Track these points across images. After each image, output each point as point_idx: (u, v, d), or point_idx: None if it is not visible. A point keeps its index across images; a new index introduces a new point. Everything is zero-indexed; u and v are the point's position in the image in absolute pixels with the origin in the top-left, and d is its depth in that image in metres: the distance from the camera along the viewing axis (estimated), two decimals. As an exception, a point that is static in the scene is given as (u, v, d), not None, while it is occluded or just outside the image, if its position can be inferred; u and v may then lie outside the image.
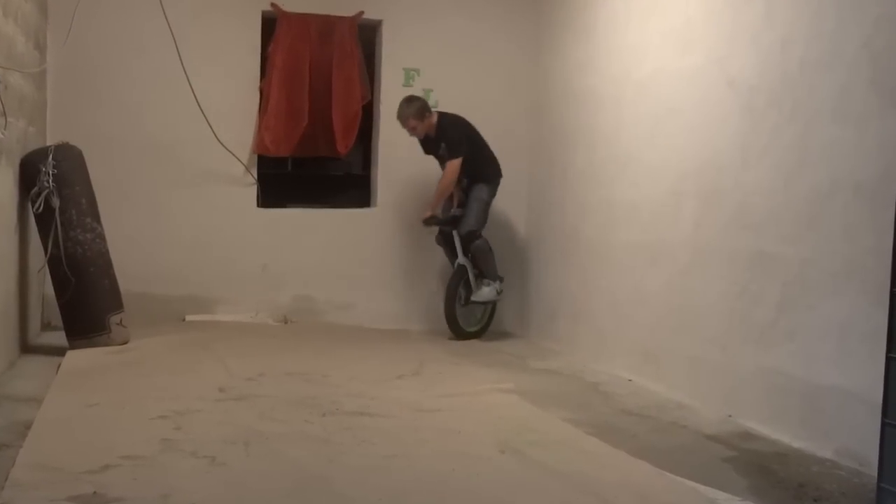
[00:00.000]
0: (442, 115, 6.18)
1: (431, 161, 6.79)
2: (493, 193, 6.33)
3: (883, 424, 2.91)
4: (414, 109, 6.09)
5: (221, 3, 6.32)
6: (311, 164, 7.06)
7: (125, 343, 5.14)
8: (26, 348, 5.06)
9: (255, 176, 6.49)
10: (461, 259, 6.17)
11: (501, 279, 6.29)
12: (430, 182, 6.77)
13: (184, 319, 6.18)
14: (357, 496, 2.89)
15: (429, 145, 6.24)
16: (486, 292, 6.18)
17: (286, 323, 6.30)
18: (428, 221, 6.21)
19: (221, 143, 6.21)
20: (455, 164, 6.07)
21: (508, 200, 6.93)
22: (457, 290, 6.15)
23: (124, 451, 3.12)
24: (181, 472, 2.99)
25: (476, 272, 6.22)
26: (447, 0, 6.75)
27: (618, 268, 5.49)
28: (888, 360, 2.91)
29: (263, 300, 6.41)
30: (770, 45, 4.19)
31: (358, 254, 6.63)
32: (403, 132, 6.75)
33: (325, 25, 6.49)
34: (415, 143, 6.71)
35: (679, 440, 3.91)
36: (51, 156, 4.98)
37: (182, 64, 5.96)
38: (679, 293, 4.82)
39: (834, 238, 3.75)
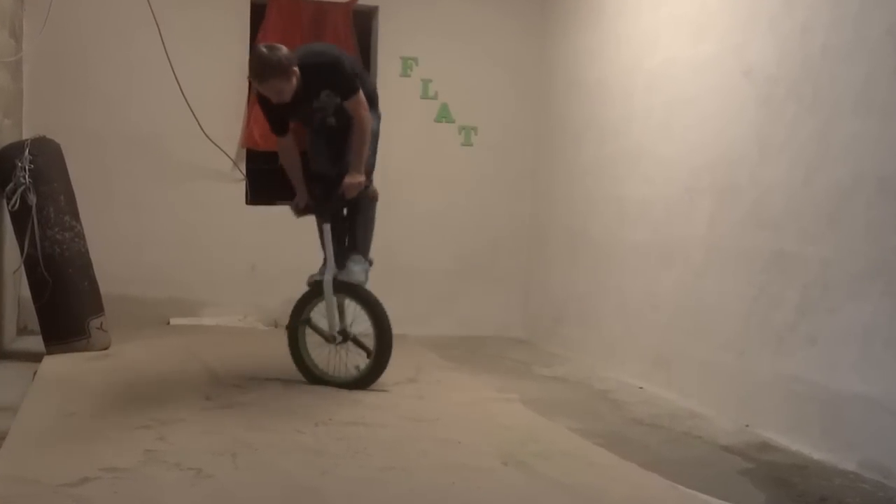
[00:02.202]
0: (302, 56, 4.28)
1: (432, 155, 6.80)
2: (378, 124, 4.69)
3: (909, 434, 2.91)
4: (279, 64, 4.13)
5: (208, -12, 6.34)
6: (302, 160, 7.05)
7: (106, 348, 5.14)
8: (1, 354, 5.05)
9: (244, 171, 6.49)
10: (329, 270, 4.43)
11: (371, 262, 4.63)
12: (431, 177, 6.79)
13: (168, 323, 6.18)
14: (351, 511, 2.89)
15: (295, 108, 4.39)
16: (357, 271, 4.47)
17: (276, 327, 6.29)
18: (358, 190, 4.43)
19: (208, 137, 6.21)
20: (364, 103, 4.35)
21: (511, 197, 6.94)
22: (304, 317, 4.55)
23: (105, 463, 3.11)
24: (165, 484, 2.99)
25: (347, 243, 4.57)
26: (447, -15, 6.76)
27: (628, 268, 5.49)
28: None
29: (252, 303, 6.41)
30: (789, 31, 4.19)
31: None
32: (401, 125, 6.74)
33: (318, 12, 6.49)
34: (412, 136, 6.71)
35: (693, 451, 3.91)
36: (27, 150, 4.98)
37: (166, 53, 5.96)
38: (693, 295, 4.82)
39: (857, 237, 3.74)
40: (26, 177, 4.92)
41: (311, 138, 4.70)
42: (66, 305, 5.01)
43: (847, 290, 3.78)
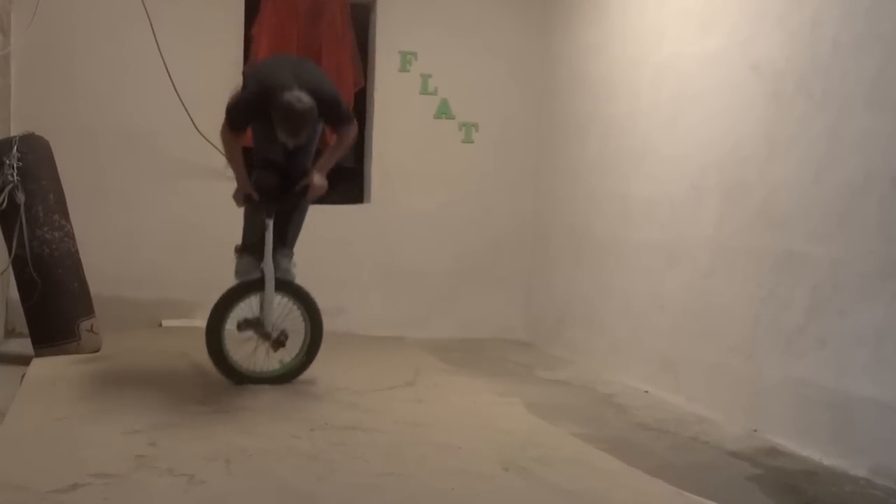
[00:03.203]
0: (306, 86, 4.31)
1: (431, 153, 6.80)
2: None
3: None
4: (312, 114, 4.26)
5: (201, -20, 6.33)
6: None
7: (96, 351, 5.14)
8: (-12, 357, 5.06)
9: (238, 169, 6.49)
10: (269, 266, 4.52)
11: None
12: (430, 174, 6.79)
13: (160, 325, 6.19)
14: (348, 518, 2.89)
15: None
16: (289, 267, 4.68)
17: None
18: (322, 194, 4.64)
19: (201, 134, 6.20)
20: (355, 129, 4.67)
21: (513, 196, 6.94)
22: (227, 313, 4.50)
23: (95, 469, 3.12)
24: (156, 491, 2.99)
25: (277, 242, 4.62)
26: (447, -23, 6.76)
27: (633, 269, 5.49)
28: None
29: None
30: (799, 25, 4.19)
31: (350, 254, 6.63)
32: (400, 122, 6.75)
33: (315, 5, 6.49)
34: (411, 133, 6.71)
35: (699, 457, 3.91)
36: (15, 147, 4.97)
37: (158, 47, 5.96)
38: (700, 297, 4.82)
39: (868, 236, 3.74)
40: (14, 175, 4.92)
41: (258, 125, 4.58)
42: (55, 307, 5.01)
43: (858, 291, 3.78)
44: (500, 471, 3.37)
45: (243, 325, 4.53)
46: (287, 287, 4.60)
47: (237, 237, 6.38)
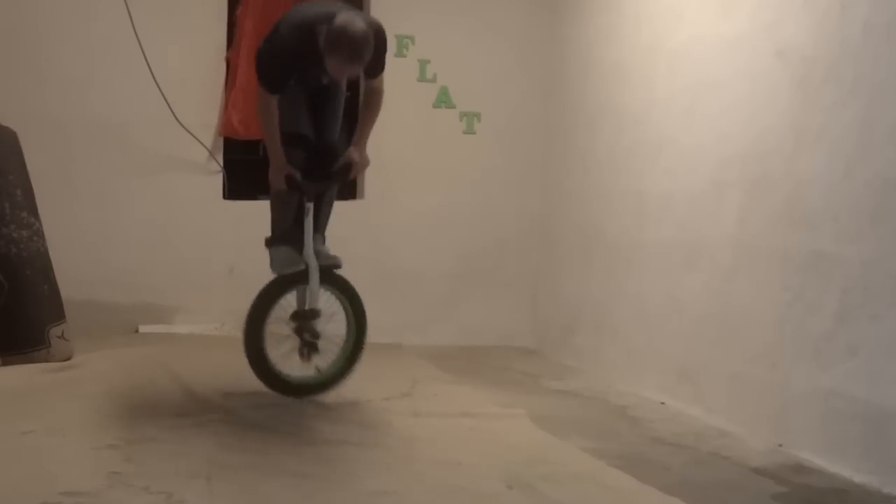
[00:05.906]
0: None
1: (430, 145, 6.80)
2: None
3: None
4: (368, 42, 4.14)
5: (181, -42, 6.34)
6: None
7: (67, 359, 5.15)
8: (-50, 365, 5.05)
9: (221, 162, 6.50)
10: (311, 255, 4.50)
11: None
12: (429, 169, 6.80)
13: (136, 331, 6.19)
14: (339, 539, 2.89)
15: (312, 70, 4.40)
16: (327, 252, 4.69)
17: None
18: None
19: (181, 124, 6.22)
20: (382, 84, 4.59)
21: (519, 192, 6.94)
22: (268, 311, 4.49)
23: (65, 487, 3.11)
24: (132, 510, 2.99)
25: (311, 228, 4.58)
26: (447, -45, 6.77)
27: (648, 271, 5.50)
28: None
29: (229, 309, 6.39)
30: (827, 7, 4.19)
31: (342, 254, 6.60)
32: (396, 111, 6.73)
33: (304, -15, 6.49)
34: (408, 123, 6.71)
35: (720, 474, 3.91)
36: (-21, 139, 4.99)
37: (135, 30, 5.97)
38: (720, 301, 4.82)
39: (902, 235, 3.74)
40: (-22, 169, 4.93)
41: (288, 93, 4.44)
42: (23, 311, 5.02)
43: (891, 294, 3.78)
44: (504, 489, 3.37)
45: (293, 317, 4.47)
46: (330, 277, 4.56)
47: (222, 236, 6.41)
